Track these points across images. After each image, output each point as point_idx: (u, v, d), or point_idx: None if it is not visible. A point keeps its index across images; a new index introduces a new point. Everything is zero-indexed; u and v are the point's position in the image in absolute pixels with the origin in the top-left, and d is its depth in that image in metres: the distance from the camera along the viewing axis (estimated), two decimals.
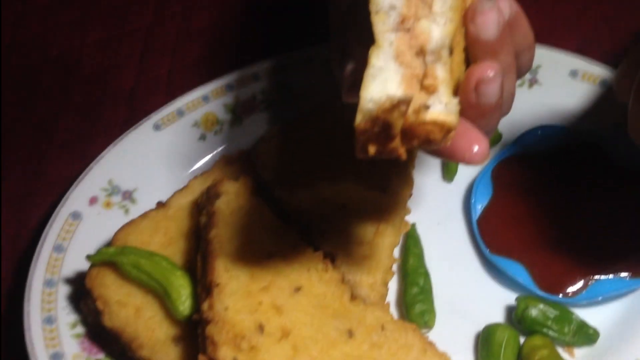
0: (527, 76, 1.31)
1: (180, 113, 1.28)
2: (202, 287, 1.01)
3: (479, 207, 1.20)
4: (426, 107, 0.72)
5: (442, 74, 0.74)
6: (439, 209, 1.24)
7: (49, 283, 1.13)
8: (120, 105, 1.41)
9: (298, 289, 1.01)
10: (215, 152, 1.28)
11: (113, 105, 1.41)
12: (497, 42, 0.79)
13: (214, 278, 0.99)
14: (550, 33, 1.44)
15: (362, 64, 0.74)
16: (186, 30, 1.50)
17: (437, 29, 0.75)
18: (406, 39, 0.74)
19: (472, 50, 0.80)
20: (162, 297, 1.06)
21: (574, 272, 1.13)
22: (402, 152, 0.74)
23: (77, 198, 1.20)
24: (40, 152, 1.36)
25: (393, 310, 1.14)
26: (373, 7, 0.75)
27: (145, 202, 1.22)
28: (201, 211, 1.08)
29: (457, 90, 0.80)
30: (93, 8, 1.54)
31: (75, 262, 1.15)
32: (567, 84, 1.30)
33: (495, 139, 1.28)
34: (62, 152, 1.36)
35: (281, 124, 1.23)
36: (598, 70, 1.29)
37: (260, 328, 0.97)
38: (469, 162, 0.80)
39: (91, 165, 1.23)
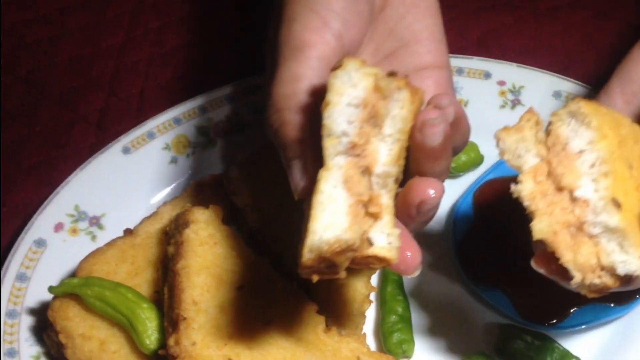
0: (510, 97, 1.31)
1: (150, 135, 1.26)
2: (169, 321, 0.98)
3: (460, 231, 1.19)
4: (370, 243, 0.78)
5: (386, 201, 0.79)
6: (419, 233, 1.21)
7: (11, 314, 1.10)
8: (90, 127, 1.38)
9: (270, 322, 0.99)
10: (186, 176, 1.26)
11: (82, 127, 1.38)
12: (440, 149, 0.84)
13: (181, 312, 0.96)
14: (534, 54, 1.44)
15: (313, 174, 0.79)
16: (159, 50, 1.48)
17: (385, 151, 0.80)
18: (355, 162, 0.79)
19: (415, 154, 0.84)
20: (128, 330, 1.03)
21: (556, 300, 1.11)
22: (342, 275, 0.79)
23: (42, 224, 1.17)
24: (5, 177, 1.33)
25: (370, 340, 1.12)
26: (325, 131, 0.78)
27: (113, 228, 1.19)
28: (169, 240, 1.05)
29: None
30: (63, 26, 1.52)
31: (40, 291, 1.12)
32: (551, 105, 1.29)
33: (477, 161, 1.27)
34: (28, 175, 1.33)
35: (255, 148, 1.21)
36: (582, 91, 1.29)
37: None
38: (403, 273, 0.87)
39: (57, 189, 1.20)
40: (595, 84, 1.28)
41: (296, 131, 0.85)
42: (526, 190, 0.84)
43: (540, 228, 0.82)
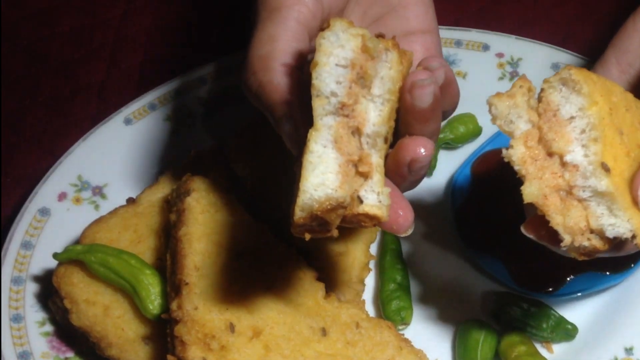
0: (508, 69, 1.31)
1: (152, 107, 1.27)
2: (172, 286, 0.99)
3: (458, 202, 1.19)
4: (360, 201, 0.80)
5: (376, 160, 0.81)
6: (417, 204, 1.22)
7: (16, 281, 1.12)
8: (91, 98, 1.39)
9: (270, 287, 1.00)
10: (187, 147, 1.25)
11: (83, 99, 1.39)
12: (429, 111, 0.84)
13: (184, 277, 0.97)
14: (533, 26, 1.44)
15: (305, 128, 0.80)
16: (159, 22, 1.48)
17: (375, 111, 0.81)
18: (344, 123, 0.80)
19: (404, 116, 0.85)
20: (131, 296, 1.04)
21: (552, 268, 1.12)
22: (335, 233, 0.81)
23: (45, 194, 1.18)
24: (8, 147, 1.34)
25: (370, 307, 1.14)
26: (314, 91, 0.79)
27: (116, 198, 1.20)
28: (171, 208, 1.06)
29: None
30: None
31: (44, 259, 1.13)
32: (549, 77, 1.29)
33: (475, 132, 1.27)
34: (31, 146, 1.34)
35: (254, 117, 1.21)
36: (580, 63, 1.29)
37: (231, 327, 0.95)
38: (395, 232, 0.87)
39: (60, 160, 1.21)
40: (593, 55, 1.28)
41: (279, 92, 0.84)
42: (517, 154, 0.85)
43: (530, 191, 0.84)
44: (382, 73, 0.82)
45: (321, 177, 0.77)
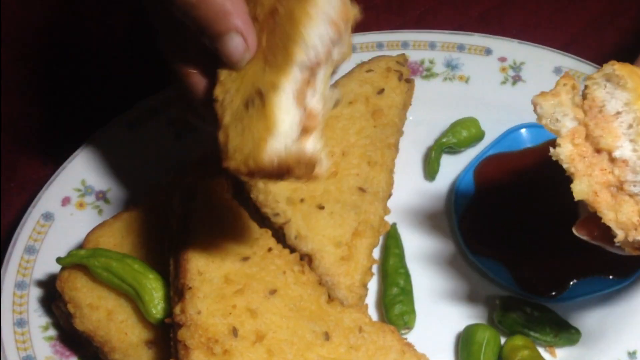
0: (511, 73, 1.31)
1: (155, 111, 1.27)
2: (175, 291, 0.99)
3: (461, 206, 1.19)
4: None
5: (321, 116, 0.84)
6: (420, 208, 1.23)
7: (20, 285, 1.12)
8: (94, 103, 1.39)
9: (273, 292, 1.00)
10: (190, 152, 1.25)
11: (86, 104, 1.39)
12: None
13: (187, 281, 0.97)
14: (535, 30, 1.44)
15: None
16: None
17: (324, 72, 0.84)
18: (307, 79, 0.83)
19: None
20: (135, 300, 1.04)
21: (555, 272, 1.13)
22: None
23: (49, 199, 1.19)
24: (11, 153, 1.34)
25: (373, 312, 1.14)
26: (297, 37, 0.82)
27: (119, 203, 1.20)
28: (175, 213, 1.06)
29: None
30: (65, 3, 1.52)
31: (48, 264, 1.14)
32: (552, 81, 1.27)
33: (478, 136, 1.27)
34: (34, 152, 1.34)
35: None
36: (583, 67, 1.29)
37: (234, 332, 0.95)
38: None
39: (64, 165, 1.22)
40: (596, 59, 1.28)
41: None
42: (565, 153, 0.84)
43: (580, 189, 0.83)
44: (346, 39, 0.83)
45: (289, 128, 0.80)
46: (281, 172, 0.83)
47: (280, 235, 1.10)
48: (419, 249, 1.19)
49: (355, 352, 0.99)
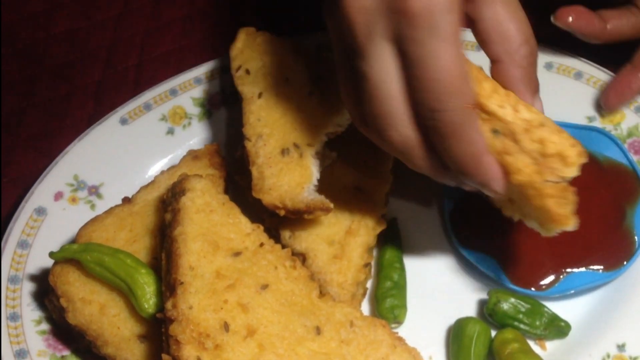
0: None
1: (147, 107, 1.27)
2: (166, 286, 1.00)
3: (452, 201, 1.20)
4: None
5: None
6: (416, 203, 1.23)
7: (13, 279, 1.13)
8: (87, 99, 1.39)
9: (265, 287, 1.00)
10: (183, 147, 1.27)
11: (79, 99, 1.40)
12: None
13: (178, 276, 0.98)
14: None
15: None
16: (155, 23, 1.49)
17: None
18: None
19: None
20: (127, 295, 1.05)
21: (545, 265, 1.13)
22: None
23: (42, 193, 1.19)
24: (4, 148, 1.35)
25: (366, 305, 1.14)
26: None
27: (112, 197, 1.21)
28: (167, 208, 1.07)
29: None
30: None
31: (40, 258, 1.14)
32: (542, 77, 1.27)
33: None
34: (28, 147, 1.35)
35: None
36: (573, 63, 1.29)
37: (225, 326, 0.96)
38: None
39: (56, 159, 1.22)
40: (589, 55, 1.28)
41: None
42: None
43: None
44: None
45: (315, 179, 1.10)
46: (307, 211, 1.05)
47: (273, 231, 1.11)
48: (413, 242, 1.19)
49: (347, 347, 0.99)
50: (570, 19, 1.19)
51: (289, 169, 1.08)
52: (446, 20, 0.86)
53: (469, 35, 0.97)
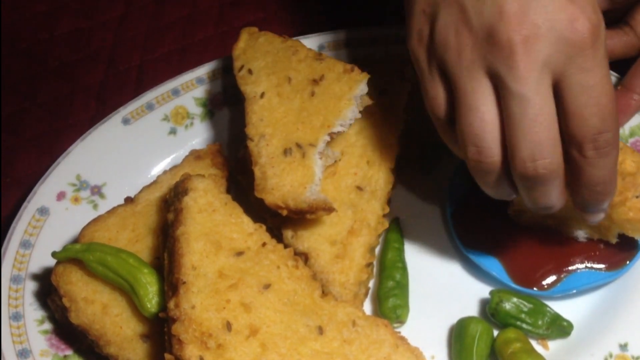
0: None
1: (149, 107, 1.27)
2: (169, 285, 1.00)
3: (455, 201, 1.20)
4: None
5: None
6: (418, 202, 1.23)
7: (15, 279, 1.13)
8: (90, 99, 1.40)
9: (267, 286, 1.00)
10: (185, 147, 1.27)
11: (82, 99, 1.40)
12: None
13: (181, 276, 0.98)
14: None
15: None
16: (157, 23, 1.49)
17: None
18: None
19: None
20: (130, 294, 1.05)
21: (548, 265, 1.13)
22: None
23: (44, 193, 1.19)
24: (7, 148, 1.35)
25: (368, 305, 1.14)
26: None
27: (114, 197, 1.21)
28: (169, 208, 1.07)
29: None
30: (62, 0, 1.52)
31: (43, 258, 1.14)
32: None
33: None
34: (30, 147, 1.35)
35: None
36: None
37: (228, 326, 0.96)
38: None
39: (59, 160, 1.22)
40: None
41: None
42: None
43: None
44: None
45: (318, 179, 1.09)
46: (310, 211, 1.06)
47: (276, 234, 1.11)
48: (416, 242, 1.19)
49: (349, 346, 0.99)
50: None
51: (291, 168, 1.08)
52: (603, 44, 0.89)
53: None
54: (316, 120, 1.11)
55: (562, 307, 1.11)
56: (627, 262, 1.12)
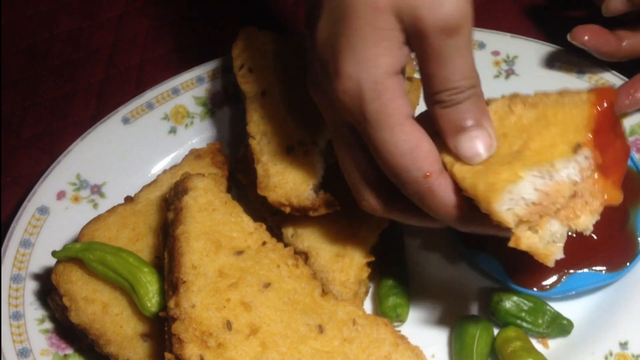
0: (504, 67, 1.32)
1: (149, 106, 1.27)
2: (169, 284, 1.00)
3: None
4: None
5: None
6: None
7: (16, 278, 1.13)
8: (90, 98, 1.40)
9: (267, 285, 1.00)
10: (185, 146, 1.27)
11: (82, 99, 1.40)
12: None
13: (181, 275, 0.98)
14: (528, 23, 1.44)
15: None
16: (157, 23, 1.49)
17: None
18: None
19: None
20: (130, 294, 1.05)
21: (548, 266, 1.13)
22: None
23: (44, 192, 1.20)
24: (7, 147, 1.35)
25: (368, 303, 1.14)
26: None
27: (114, 196, 1.21)
28: (169, 207, 1.07)
29: None
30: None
31: (43, 257, 1.14)
32: (545, 75, 1.30)
33: None
34: (30, 146, 1.35)
35: None
36: (575, 60, 1.29)
37: (228, 325, 0.96)
38: None
39: (59, 159, 1.22)
40: (588, 54, 1.28)
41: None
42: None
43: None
44: None
45: (321, 177, 1.09)
46: (312, 208, 1.06)
47: (276, 233, 1.11)
48: (417, 241, 1.20)
49: (349, 345, 0.99)
50: (586, 37, 1.23)
51: (294, 166, 1.08)
52: (383, 108, 0.90)
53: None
54: (319, 117, 1.10)
55: (562, 306, 1.11)
56: (628, 264, 1.12)
